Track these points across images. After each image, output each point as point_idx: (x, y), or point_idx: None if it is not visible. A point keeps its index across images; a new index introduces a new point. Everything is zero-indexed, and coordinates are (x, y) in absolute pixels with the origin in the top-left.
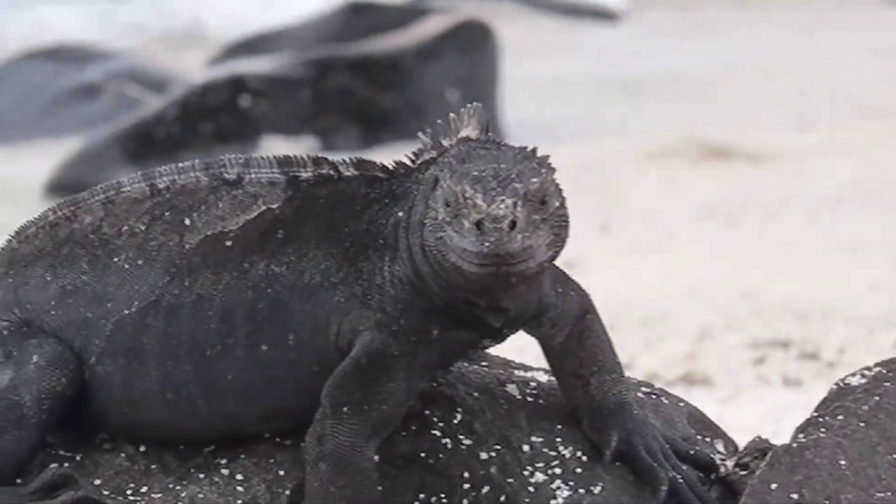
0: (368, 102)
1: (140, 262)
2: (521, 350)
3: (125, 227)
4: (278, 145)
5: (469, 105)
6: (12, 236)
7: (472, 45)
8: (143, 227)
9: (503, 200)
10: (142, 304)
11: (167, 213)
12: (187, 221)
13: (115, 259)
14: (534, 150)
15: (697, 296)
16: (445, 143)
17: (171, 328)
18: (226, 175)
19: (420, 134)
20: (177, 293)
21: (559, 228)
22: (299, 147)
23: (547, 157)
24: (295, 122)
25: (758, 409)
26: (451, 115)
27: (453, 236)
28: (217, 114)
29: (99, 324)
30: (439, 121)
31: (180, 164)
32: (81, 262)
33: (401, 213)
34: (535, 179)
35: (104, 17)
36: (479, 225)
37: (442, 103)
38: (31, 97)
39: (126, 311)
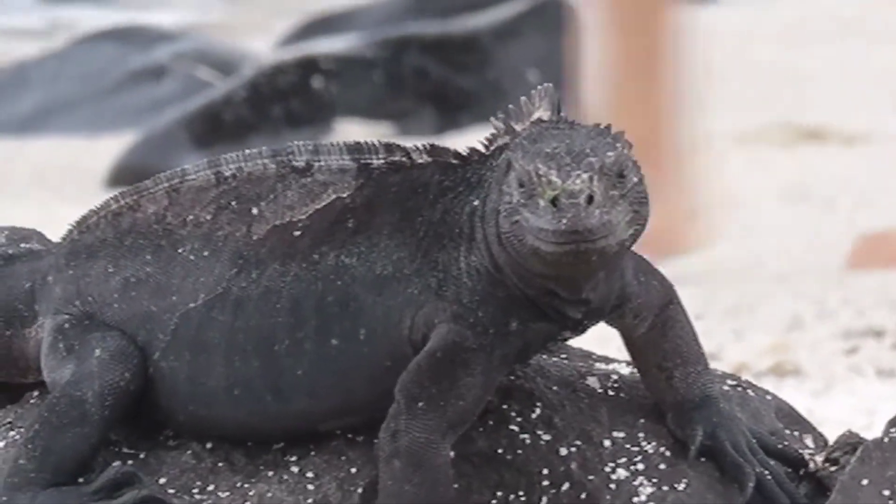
0: (445, 84)
1: (206, 253)
2: (603, 341)
3: (190, 217)
4: (352, 129)
5: (540, 86)
6: (73, 226)
7: (552, 24)
8: (208, 217)
9: (578, 175)
10: (208, 297)
11: (234, 203)
12: (255, 211)
13: (180, 250)
14: (608, 127)
15: (787, 283)
16: (518, 126)
17: (237, 322)
18: (294, 162)
19: (492, 119)
20: (244, 285)
21: (639, 205)
22: (373, 131)
23: (622, 132)
24: (369, 104)
25: (850, 402)
26: (523, 98)
27: (529, 217)
28: (288, 96)
29: (163, 317)
30: (511, 105)
31: (247, 152)
32: (145, 254)
33: (476, 202)
34: (610, 153)
35: None
36: (554, 201)
37: (522, 84)
38: (96, 80)
39: (191, 305)
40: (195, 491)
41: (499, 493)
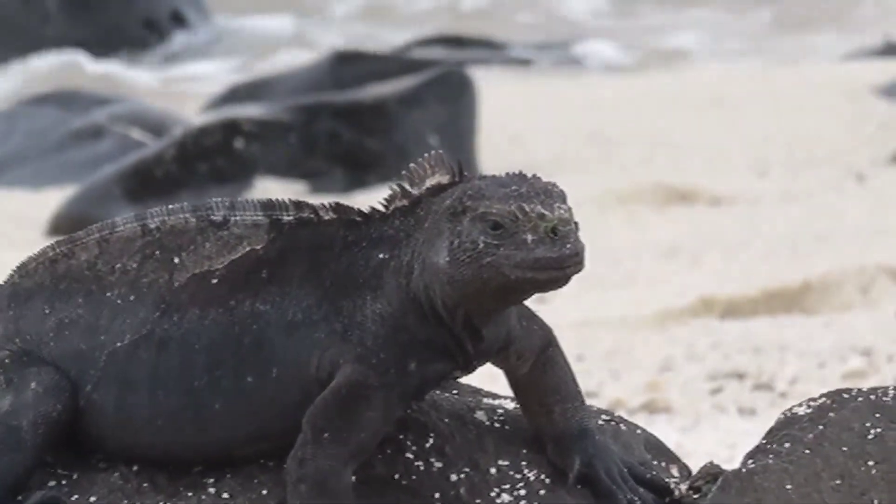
0: (355, 146)
1: (132, 297)
2: (490, 379)
3: (118, 265)
4: (270, 186)
5: (428, 153)
6: (14, 271)
7: (452, 93)
8: (135, 265)
9: (561, 206)
10: (133, 337)
11: (158, 252)
12: (176, 260)
13: (109, 294)
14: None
15: (660, 330)
16: (414, 190)
17: (161, 360)
18: (213, 217)
19: (389, 184)
20: (166, 327)
21: None
22: (289, 188)
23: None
24: (286, 164)
25: (714, 437)
26: (412, 165)
27: (514, 254)
28: (213, 155)
29: (94, 355)
30: (404, 171)
31: (170, 206)
32: (77, 297)
33: (381, 255)
34: (561, 189)
35: None
36: (554, 231)
37: (424, 147)
38: (41, 138)
39: (119, 344)
40: None
41: None
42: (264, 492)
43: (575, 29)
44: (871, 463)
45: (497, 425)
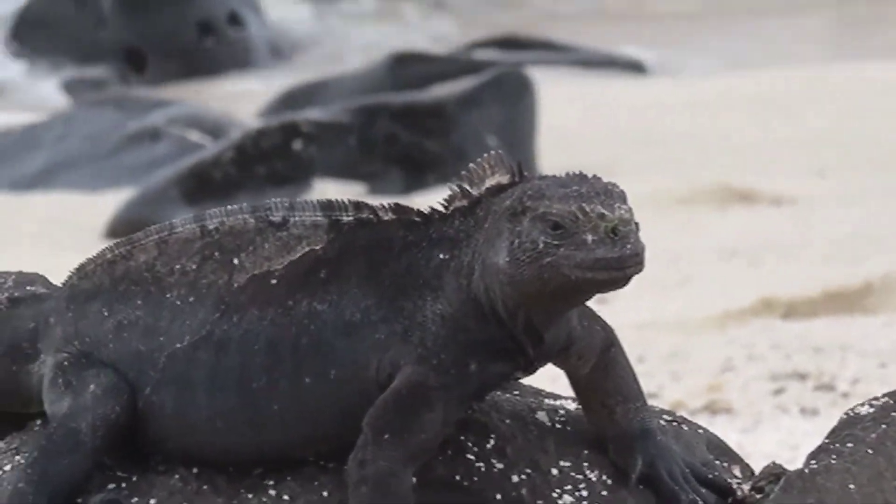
0: (413, 148)
1: (191, 298)
2: (552, 380)
3: (177, 266)
4: (328, 188)
5: (488, 154)
6: (73, 273)
7: (510, 93)
8: (194, 266)
9: (621, 206)
10: (193, 339)
11: (217, 253)
12: (235, 261)
13: (168, 296)
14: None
15: (721, 331)
16: (473, 190)
17: (219, 361)
18: (272, 218)
19: (449, 185)
20: (225, 328)
21: None
22: (347, 190)
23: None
24: (344, 166)
25: (776, 437)
26: (471, 165)
27: (574, 254)
28: (271, 157)
29: (152, 356)
30: (464, 171)
31: (229, 207)
32: (136, 299)
33: (441, 256)
34: (621, 188)
35: None
36: (615, 231)
37: (482, 148)
38: (98, 142)
39: (178, 345)
40: None
41: None
42: (325, 493)
43: (633, 31)
44: None
45: (558, 426)
